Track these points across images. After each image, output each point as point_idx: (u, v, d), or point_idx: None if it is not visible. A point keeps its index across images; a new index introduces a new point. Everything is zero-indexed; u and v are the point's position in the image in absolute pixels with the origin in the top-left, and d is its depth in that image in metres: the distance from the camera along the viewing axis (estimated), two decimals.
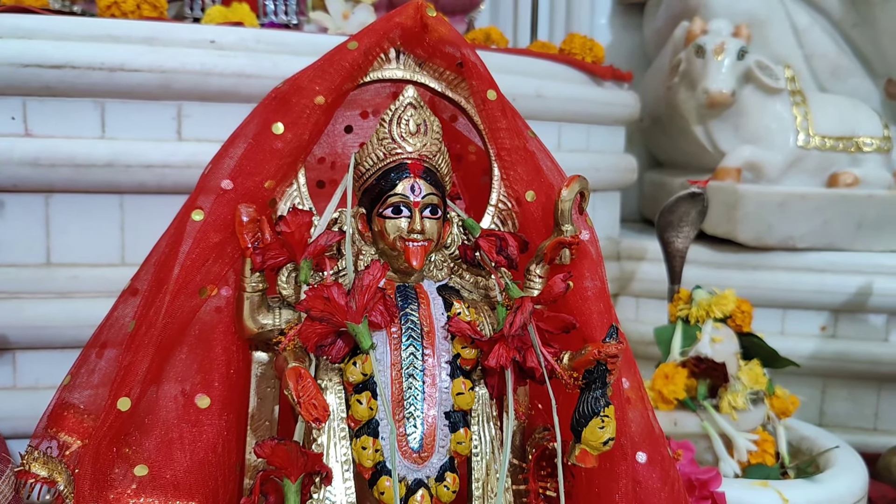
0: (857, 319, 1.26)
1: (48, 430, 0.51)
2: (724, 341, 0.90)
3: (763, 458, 0.87)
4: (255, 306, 0.50)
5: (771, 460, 0.87)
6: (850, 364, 1.24)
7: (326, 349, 0.46)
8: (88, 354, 0.52)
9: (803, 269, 1.27)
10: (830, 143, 1.40)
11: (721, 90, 1.33)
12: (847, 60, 1.55)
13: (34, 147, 0.81)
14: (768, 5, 1.51)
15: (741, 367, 0.90)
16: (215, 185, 0.50)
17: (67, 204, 0.84)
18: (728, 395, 0.87)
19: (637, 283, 1.37)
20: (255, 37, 0.89)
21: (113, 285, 0.60)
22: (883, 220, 1.28)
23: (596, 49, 1.31)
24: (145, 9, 0.90)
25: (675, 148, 1.62)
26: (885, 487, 1.00)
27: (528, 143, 0.55)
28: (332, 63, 0.52)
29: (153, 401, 0.49)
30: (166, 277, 0.49)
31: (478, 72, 0.54)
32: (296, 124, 0.51)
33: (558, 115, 1.18)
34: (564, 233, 0.52)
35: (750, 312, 0.94)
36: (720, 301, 0.92)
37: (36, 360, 0.84)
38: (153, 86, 0.83)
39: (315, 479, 0.46)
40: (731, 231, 1.29)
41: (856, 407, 1.26)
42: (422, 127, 0.50)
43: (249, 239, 0.49)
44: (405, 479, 0.47)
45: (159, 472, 0.48)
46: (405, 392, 0.48)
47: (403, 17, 0.53)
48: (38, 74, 0.79)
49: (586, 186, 0.53)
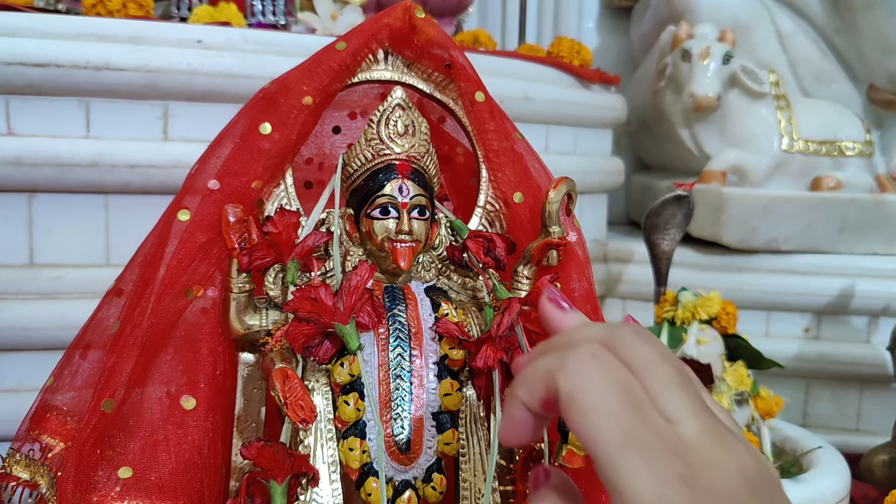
0: (840, 321, 1.28)
1: (30, 432, 0.50)
2: (710, 343, 0.90)
3: None
4: (242, 307, 0.49)
5: None
6: (832, 365, 1.26)
7: (314, 350, 0.46)
8: (72, 356, 0.52)
9: (787, 272, 1.28)
10: (814, 147, 1.42)
11: (707, 94, 1.34)
12: (830, 66, 1.57)
13: (17, 146, 0.80)
14: (753, 11, 1.52)
15: (726, 369, 0.91)
16: (202, 185, 0.50)
17: (51, 204, 0.83)
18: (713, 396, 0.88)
19: (624, 284, 1.38)
20: (242, 37, 0.89)
21: (97, 286, 0.60)
22: (865, 223, 1.30)
23: (583, 52, 1.32)
24: (131, 7, 0.89)
25: (661, 151, 1.63)
26: (867, 487, 1.01)
27: (516, 145, 0.56)
28: (321, 63, 0.52)
29: (138, 402, 0.49)
30: (152, 278, 0.49)
31: (466, 74, 0.54)
32: (283, 124, 0.51)
33: (546, 118, 1.19)
34: (552, 234, 0.52)
35: (735, 314, 0.95)
36: (705, 303, 0.93)
37: (18, 361, 0.83)
38: (139, 85, 0.82)
39: (302, 481, 0.46)
40: (717, 234, 1.30)
41: (839, 408, 1.28)
42: (410, 128, 0.50)
43: (236, 239, 0.49)
44: (392, 481, 0.47)
45: (144, 474, 0.47)
46: (392, 393, 0.48)
47: (392, 18, 0.53)
48: (21, 73, 0.78)
49: (574, 188, 0.54)
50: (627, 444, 0.24)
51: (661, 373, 0.26)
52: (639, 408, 0.25)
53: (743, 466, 0.25)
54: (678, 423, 0.25)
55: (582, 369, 0.26)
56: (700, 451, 0.24)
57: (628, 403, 0.25)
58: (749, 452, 0.25)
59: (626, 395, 0.25)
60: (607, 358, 0.26)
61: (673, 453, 0.24)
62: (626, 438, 0.24)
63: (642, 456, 0.24)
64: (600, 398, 0.25)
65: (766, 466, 0.26)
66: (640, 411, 0.25)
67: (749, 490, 0.24)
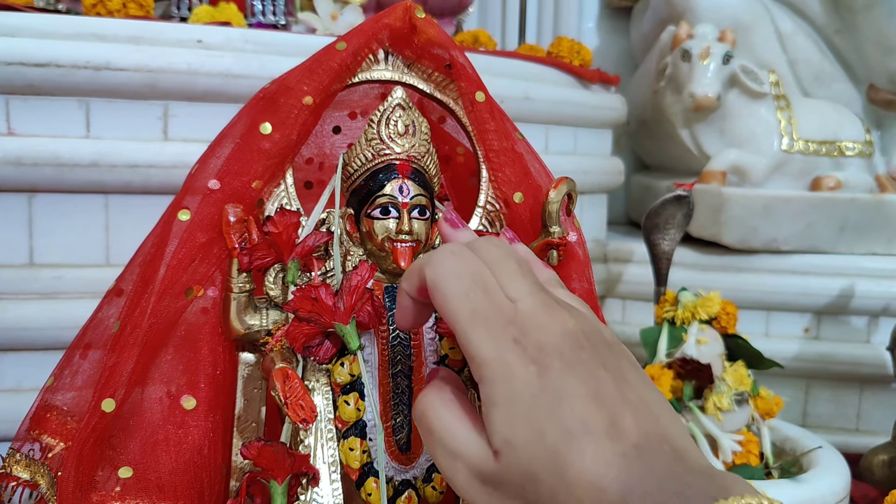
0: (840, 321, 1.27)
1: (30, 432, 0.50)
2: (710, 343, 0.90)
3: (747, 458, 0.87)
4: (242, 307, 0.49)
5: (755, 461, 0.88)
6: (832, 365, 1.26)
7: (314, 350, 0.46)
8: (72, 356, 0.52)
9: (787, 272, 1.28)
10: (814, 147, 1.42)
11: (707, 94, 1.34)
12: (830, 66, 1.57)
13: (17, 146, 0.80)
14: (753, 11, 1.52)
15: (726, 369, 0.91)
16: (202, 184, 0.50)
17: (51, 204, 0.83)
18: (713, 396, 0.88)
19: (624, 285, 1.38)
20: (242, 37, 0.89)
21: (97, 286, 0.60)
22: (865, 223, 1.30)
23: (583, 52, 1.32)
24: (131, 7, 0.89)
25: (661, 151, 1.63)
26: (866, 487, 1.01)
27: (516, 145, 0.56)
28: (321, 63, 0.52)
29: (138, 402, 0.49)
30: (152, 278, 0.49)
31: (466, 74, 0.54)
32: (284, 124, 0.51)
33: (546, 118, 1.19)
34: (552, 234, 0.52)
35: (735, 314, 0.95)
36: (705, 303, 0.93)
37: (18, 361, 0.83)
38: (139, 85, 0.82)
39: (302, 481, 0.46)
40: (717, 234, 1.30)
41: (838, 408, 1.28)
42: (410, 128, 0.50)
43: (236, 239, 0.49)
44: (392, 480, 0.47)
45: (144, 474, 0.47)
46: (393, 393, 0.48)
47: (392, 18, 0.53)
48: (21, 73, 0.78)
49: (574, 188, 0.54)
50: (476, 319, 0.30)
51: (507, 266, 0.32)
52: (486, 291, 0.31)
53: (565, 327, 0.30)
54: (517, 301, 0.31)
55: (442, 262, 0.32)
56: (531, 319, 0.30)
57: (477, 287, 0.31)
58: (573, 317, 0.31)
59: (475, 282, 0.31)
60: (464, 253, 0.33)
61: (510, 323, 0.30)
62: (475, 315, 0.30)
63: (486, 327, 0.30)
64: (455, 284, 0.31)
65: (592, 327, 0.32)
66: (487, 294, 0.31)
67: (573, 345, 0.30)
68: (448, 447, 0.31)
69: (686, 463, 0.28)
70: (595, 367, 0.30)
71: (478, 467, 0.30)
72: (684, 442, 0.30)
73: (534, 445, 0.28)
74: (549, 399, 0.28)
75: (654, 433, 0.29)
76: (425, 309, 0.36)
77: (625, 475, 0.27)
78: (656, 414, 0.30)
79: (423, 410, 0.33)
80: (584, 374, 0.29)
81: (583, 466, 0.27)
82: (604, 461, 0.27)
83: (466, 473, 0.30)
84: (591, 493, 0.27)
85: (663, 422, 0.30)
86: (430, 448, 0.33)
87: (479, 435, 0.30)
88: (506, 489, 0.29)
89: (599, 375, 0.29)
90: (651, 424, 0.29)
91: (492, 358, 0.30)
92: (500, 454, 0.29)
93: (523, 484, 0.28)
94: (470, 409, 0.33)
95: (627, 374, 0.31)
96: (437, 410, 0.33)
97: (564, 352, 0.29)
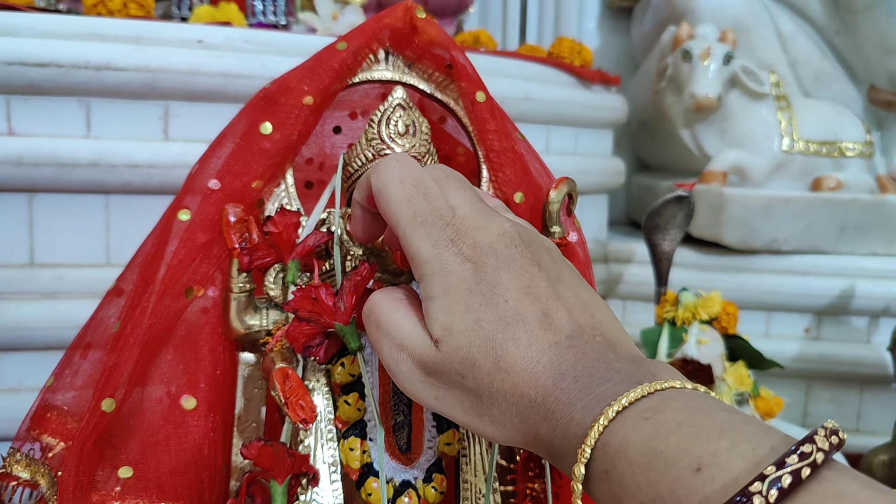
0: (840, 322, 1.27)
1: (31, 432, 0.50)
2: (710, 343, 0.90)
3: None
4: (243, 307, 0.49)
5: None
6: (833, 365, 1.26)
7: (314, 350, 0.46)
8: (72, 355, 0.52)
9: (788, 272, 1.28)
10: (814, 148, 1.42)
11: (707, 94, 1.35)
12: (830, 66, 1.57)
13: (18, 146, 0.80)
14: (754, 11, 1.52)
15: (727, 369, 0.91)
16: (202, 184, 0.50)
17: (52, 204, 0.83)
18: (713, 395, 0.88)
19: (624, 285, 1.38)
20: (243, 37, 0.89)
21: (98, 286, 0.60)
22: (865, 224, 1.30)
23: (584, 53, 1.32)
24: (132, 7, 0.89)
25: (662, 151, 1.63)
26: None
27: (517, 146, 0.56)
28: (321, 63, 0.52)
29: (138, 402, 0.49)
30: (152, 278, 0.49)
31: (467, 74, 0.54)
32: (284, 124, 0.51)
33: (546, 118, 1.19)
34: (553, 234, 0.52)
35: (735, 314, 0.95)
36: (706, 303, 0.93)
37: (19, 361, 0.83)
38: (139, 85, 0.82)
39: (302, 481, 0.46)
40: (717, 234, 1.30)
41: (839, 408, 1.28)
42: (410, 128, 0.50)
43: (237, 239, 0.49)
44: (392, 481, 0.47)
45: (144, 473, 0.47)
46: (393, 393, 0.48)
47: (392, 18, 0.53)
48: (22, 73, 0.78)
49: (574, 188, 0.54)
50: (415, 221, 0.32)
51: (451, 181, 0.35)
52: (427, 196, 0.33)
53: (501, 228, 0.32)
54: (457, 208, 0.33)
55: (387, 168, 0.34)
56: (468, 222, 0.32)
57: (418, 192, 0.33)
58: (509, 221, 0.33)
59: (416, 187, 0.33)
60: (408, 161, 0.34)
61: (447, 225, 0.32)
62: (415, 217, 0.32)
63: (424, 229, 0.32)
64: (397, 189, 0.33)
65: (531, 232, 0.33)
66: (428, 199, 0.33)
67: (508, 244, 0.32)
68: (394, 338, 0.33)
69: (617, 351, 0.29)
70: (529, 264, 0.31)
71: (420, 356, 0.31)
72: (617, 333, 0.31)
73: (471, 332, 0.30)
74: (484, 291, 0.30)
75: (588, 325, 0.30)
76: (377, 219, 0.37)
77: (557, 362, 0.29)
78: (591, 310, 0.31)
79: (372, 307, 0.35)
80: (517, 271, 0.31)
81: (517, 353, 0.29)
82: (537, 348, 0.29)
83: (410, 364, 0.32)
84: (525, 377, 0.29)
85: (598, 317, 0.31)
86: (376, 341, 0.34)
87: (422, 328, 0.32)
88: (446, 378, 0.31)
89: (533, 272, 0.31)
90: (585, 318, 0.30)
91: (430, 256, 0.31)
92: (441, 342, 0.31)
93: (462, 371, 0.30)
94: (417, 308, 0.34)
95: (564, 275, 0.32)
96: (383, 306, 0.34)
97: (499, 250, 0.31)
